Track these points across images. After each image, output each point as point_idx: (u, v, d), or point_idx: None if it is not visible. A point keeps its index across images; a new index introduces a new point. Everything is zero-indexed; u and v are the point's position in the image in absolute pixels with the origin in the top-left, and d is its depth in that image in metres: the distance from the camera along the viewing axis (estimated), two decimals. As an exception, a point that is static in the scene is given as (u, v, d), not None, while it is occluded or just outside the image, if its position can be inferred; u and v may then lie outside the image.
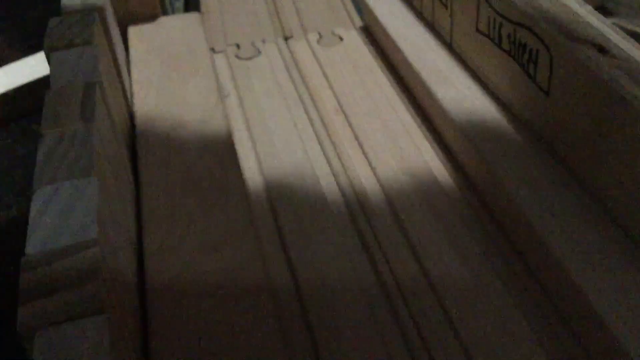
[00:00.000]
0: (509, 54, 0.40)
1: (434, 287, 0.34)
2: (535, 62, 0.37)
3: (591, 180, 0.35)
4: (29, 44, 0.66)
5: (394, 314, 0.33)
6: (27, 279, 0.23)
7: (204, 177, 0.38)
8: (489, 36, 0.42)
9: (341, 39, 0.55)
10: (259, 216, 0.39)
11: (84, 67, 0.35)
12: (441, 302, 0.34)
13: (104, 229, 0.26)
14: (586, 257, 0.32)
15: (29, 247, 0.25)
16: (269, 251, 0.37)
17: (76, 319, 0.22)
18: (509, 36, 0.39)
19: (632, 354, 0.28)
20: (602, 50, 0.33)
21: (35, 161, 0.29)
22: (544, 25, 0.35)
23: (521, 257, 0.36)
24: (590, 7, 0.36)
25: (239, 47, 0.55)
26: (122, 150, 0.38)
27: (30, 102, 0.58)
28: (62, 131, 0.31)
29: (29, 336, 0.22)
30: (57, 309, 0.23)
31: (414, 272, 0.35)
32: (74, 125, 0.31)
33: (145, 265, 0.34)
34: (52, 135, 0.30)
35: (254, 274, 0.33)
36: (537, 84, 0.37)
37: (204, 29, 0.54)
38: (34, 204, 0.27)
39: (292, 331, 0.33)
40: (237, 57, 0.54)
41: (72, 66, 0.35)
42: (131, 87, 0.47)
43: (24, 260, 0.24)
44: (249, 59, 0.53)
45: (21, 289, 0.23)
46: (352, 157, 0.43)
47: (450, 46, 0.48)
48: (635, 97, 0.30)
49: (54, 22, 0.40)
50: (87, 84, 0.34)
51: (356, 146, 0.44)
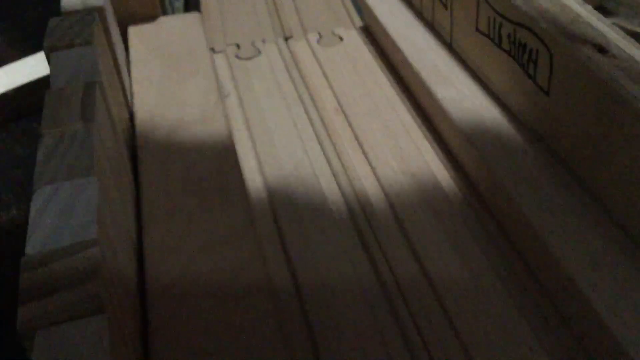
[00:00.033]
0: (509, 54, 0.40)
1: (434, 287, 0.34)
2: (535, 62, 0.37)
3: (591, 180, 0.35)
4: (29, 44, 0.66)
5: (394, 314, 0.33)
6: (27, 279, 0.23)
7: (204, 177, 0.38)
8: (489, 36, 0.42)
9: (341, 39, 0.55)
10: (259, 216, 0.39)
11: (84, 67, 0.35)
12: (441, 302, 0.34)
13: (104, 229, 0.26)
14: (586, 257, 0.32)
15: (29, 247, 0.25)
16: (269, 251, 0.37)
17: (76, 319, 0.22)
18: (509, 36, 0.39)
19: (632, 354, 0.28)
20: (602, 50, 0.33)
21: (35, 161, 0.29)
22: (544, 25, 0.35)
23: (521, 257, 0.36)
24: (590, 7, 0.36)
25: (239, 47, 0.55)
26: (122, 150, 0.38)
27: (30, 102, 0.58)
28: (62, 131, 0.31)
29: (29, 336, 0.22)
30: (57, 309, 0.23)
31: (414, 272, 0.35)
32: (74, 125, 0.31)
33: (145, 265, 0.34)
34: (52, 135, 0.30)
35: (254, 274, 0.33)
36: (537, 84, 0.37)
37: (204, 29, 0.54)
38: (34, 204, 0.27)
39: (292, 331, 0.33)
40: (237, 57, 0.54)
41: (72, 66, 0.35)
42: (131, 87, 0.47)
43: (24, 260, 0.24)
44: (249, 59, 0.53)
45: (21, 289, 0.23)
46: (352, 157, 0.43)
47: (450, 46, 0.48)
48: (635, 97, 0.30)
49: (54, 22, 0.40)
50: (87, 84, 0.34)
51: (356, 146, 0.44)
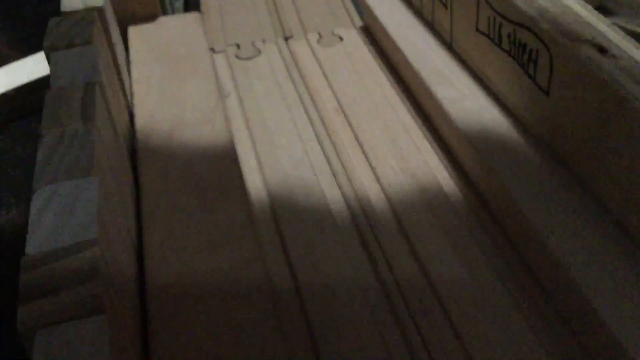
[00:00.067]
0: (509, 54, 0.40)
1: (434, 287, 0.34)
2: (535, 62, 0.37)
3: (591, 180, 0.35)
4: (29, 44, 0.66)
5: (394, 314, 0.33)
6: (27, 279, 0.23)
7: (204, 177, 0.38)
8: (489, 36, 0.42)
9: (341, 39, 0.55)
10: (259, 216, 0.39)
11: (84, 67, 0.35)
12: (441, 302, 0.34)
13: (104, 229, 0.26)
14: (586, 257, 0.32)
15: (29, 247, 0.25)
16: (269, 251, 0.37)
17: (76, 319, 0.22)
18: (509, 36, 0.39)
19: (632, 354, 0.28)
20: (602, 50, 0.33)
21: (35, 161, 0.29)
22: (544, 25, 0.35)
23: (521, 257, 0.36)
24: (590, 7, 0.36)
25: (239, 47, 0.55)
26: (122, 150, 0.38)
27: (30, 102, 0.58)
28: (62, 131, 0.31)
29: (29, 336, 0.22)
30: (57, 309, 0.23)
31: (414, 272, 0.35)
32: (74, 125, 0.31)
33: (145, 265, 0.34)
34: (52, 135, 0.30)
35: (254, 274, 0.33)
36: (537, 84, 0.37)
37: (204, 29, 0.54)
38: (34, 204, 0.27)
39: (292, 331, 0.33)
40: (237, 57, 0.54)
41: (72, 66, 0.35)
42: (131, 87, 0.47)
43: (24, 260, 0.24)
44: (249, 59, 0.53)
45: (21, 289, 0.23)
46: (352, 157, 0.43)
47: (450, 46, 0.48)
48: (635, 97, 0.30)
49: (54, 22, 0.40)
50: (87, 83, 0.34)
51: (356, 146, 0.44)
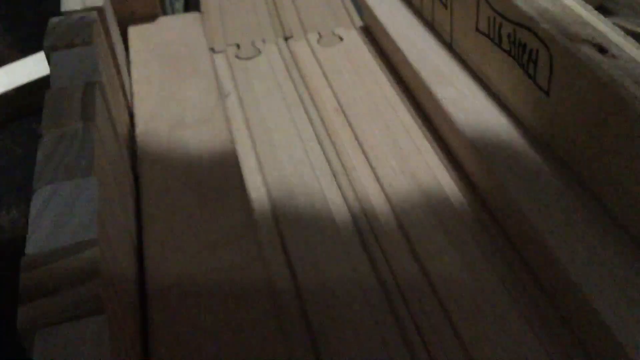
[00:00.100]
0: (509, 54, 0.40)
1: (434, 287, 0.34)
2: (535, 62, 0.37)
3: (591, 179, 0.35)
4: (29, 44, 0.66)
5: (394, 314, 0.33)
6: (27, 279, 0.23)
7: (204, 177, 0.38)
8: (489, 36, 0.42)
9: (341, 39, 0.55)
10: (259, 216, 0.39)
11: (84, 67, 0.35)
12: (441, 302, 0.34)
13: (104, 229, 0.26)
14: (586, 257, 0.32)
15: (29, 247, 0.25)
16: (269, 251, 0.37)
17: (76, 319, 0.22)
18: (509, 36, 0.39)
19: (633, 354, 0.28)
20: (602, 50, 0.33)
21: (35, 161, 0.29)
22: (544, 25, 0.35)
23: (521, 256, 0.36)
24: (590, 7, 0.36)
25: (239, 47, 0.55)
26: (122, 150, 0.38)
27: (30, 102, 0.58)
28: (62, 131, 0.31)
29: (29, 336, 0.22)
30: (57, 309, 0.23)
31: (414, 272, 0.35)
32: (74, 125, 0.31)
33: (145, 265, 0.34)
34: (52, 135, 0.30)
35: (254, 274, 0.33)
36: (537, 84, 0.37)
37: (204, 29, 0.54)
38: (34, 204, 0.27)
39: (292, 331, 0.33)
40: (237, 57, 0.54)
41: (72, 66, 0.35)
42: (131, 87, 0.47)
43: (24, 260, 0.24)
44: (249, 59, 0.53)
45: (21, 289, 0.23)
46: (352, 157, 0.43)
47: (450, 46, 0.48)
48: (635, 97, 0.30)
49: (54, 22, 0.40)
50: (87, 83, 0.34)
51: (356, 146, 0.44)
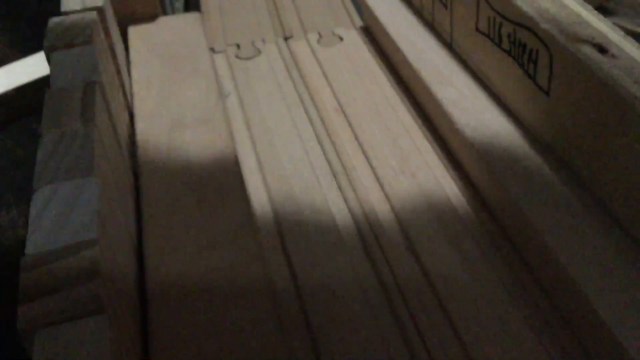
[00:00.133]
0: (509, 54, 0.40)
1: (433, 287, 0.34)
2: (535, 62, 0.37)
3: (591, 179, 0.35)
4: (29, 44, 0.66)
5: (394, 314, 0.33)
6: (27, 279, 0.24)
7: (204, 177, 0.38)
8: (489, 36, 0.42)
9: (341, 39, 0.55)
10: (259, 216, 0.39)
11: (84, 67, 0.35)
12: (441, 302, 0.34)
13: (104, 229, 0.26)
14: (586, 257, 0.32)
15: (29, 247, 0.25)
16: (269, 251, 0.37)
17: (76, 319, 0.22)
18: (509, 36, 0.39)
19: (632, 354, 0.28)
20: (602, 50, 0.33)
21: (35, 161, 0.29)
22: (544, 25, 0.35)
23: (521, 256, 0.36)
24: (590, 7, 0.36)
25: (239, 47, 0.55)
26: (122, 150, 0.38)
27: (30, 102, 0.58)
28: (62, 131, 0.31)
29: (29, 336, 0.22)
30: (57, 309, 0.23)
31: (414, 272, 0.35)
32: (74, 125, 0.31)
33: (145, 265, 0.34)
34: (52, 135, 0.30)
35: (254, 274, 0.33)
36: (537, 84, 0.37)
37: (204, 29, 0.54)
38: (34, 204, 0.27)
39: (292, 331, 0.33)
40: (237, 57, 0.54)
41: (72, 66, 0.35)
42: (131, 87, 0.47)
43: (24, 260, 0.24)
44: (249, 59, 0.53)
45: (21, 289, 0.23)
46: (352, 157, 0.43)
47: (450, 46, 0.48)
48: (635, 97, 0.30)
49: (54, 22, 0.40)
50: (87, 83, 0.34)
51: (356, 146, 0.44)
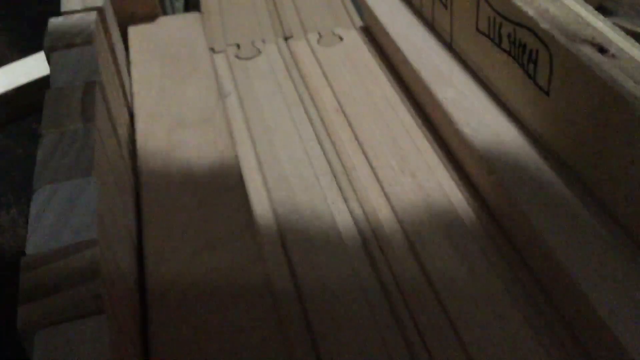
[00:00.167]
0: (509, 54, 0.40)
1: (434, 287, 0.34)
2: (535, 62, 0.37)
3: (591, 179, 0.35)
4: (29, 44, 0.66)
5: (394, 314, 0.33)
6: (27, 279, 0.24)
7: (204, 177, 0.38)
8: (489, 36, 0.42)
9: (341, 39, 0.55)
10: (259, 216, 0.39)
11: (84, 67, 0.35)
12: (441, 302, 0.34)
13: (104, 229, 0.26)
14: (586, 257, 0.32)
15: (29, 247, 0.25)
16: (269, 251, 0.37)
17: (76, 319, 0.22)
18: (509, 36, 0.39)
19: (632, 354, 0.28)
20: (602, 50, 0.33)
21: (35, 161, 0.29)
22: (544, 25, 0.35)
23: (521, 256, 0.36)
24: (590, 7, 0.36)
25: (239, 47, 0.55)
26: (122, 150, 0.38)
27: (30, 102, 0.58)
28: (62, 131, 0.31)
29: (29, 336, 0.22)
30: (57, 309, 0.23)
31: (414, 271, 0.35)
32: (74, 125, 0.31)
33: (145, 265, 0.34)
34: (52, 135, 0.30)
35: (254, 274, 0.33)
36: (537, 84, 0.37)
37: (204, 29, 0.54)
38: (34, 204, 0.27)
39: (292, 331, 0.33)
40: (237, 57, 0.54)
41: (72, 66, 0.35)
42: (131, 87, 0.47)
43: (24, 260, 0.24)
44: (249, 59, 0.53)
45: (21, 289, 0.23)
46: (352, 157, 0.43)
47: (450, 46, 0.48)
48: (635, 97, 0.30)
49: (54, 22, 0.40)
50: (87, 83, 0.34)
51: (356, 146, 0.44)
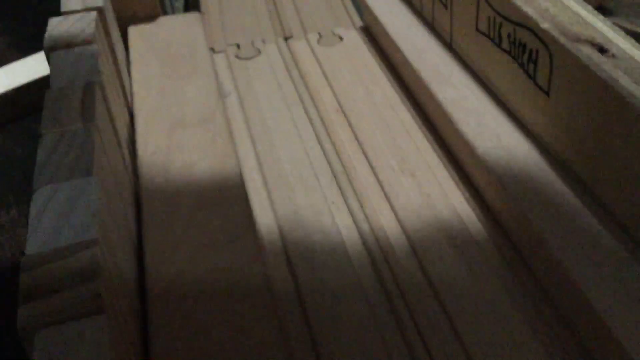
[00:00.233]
0: (509, 54, 0.40)
1: (434, 287, 0.34)
2: (535, 62, 0.37)
3: (591, 179, 0.35)
4: (29, 44, 0.66)
5: (394, 314, 0.33)
6: (27, 279, 0.23)
7: (204, 177, 0.38)
8: (489, 36, 0.42)
9: (341, 39, 0.55)
10: (259, 216, 0.39)
11: (84, 67, 0.35)
12: (441, 302, 0.34)
13: (104, 229, 0.26)
14: (586, 257, 0.32)
15: (29, 247, 0.25)
16: (269, 251, 0.37)
17: (76, 319, 0.22)
18: (509, 36, 0.39)
19: (632, 354, 0.28)
20: (602, 50, 0.33)
21: (35, 161, 0.29)
22: (544, 25, 0.35)
23: (521, 257, 0.36)
24: (590, 7, 0.36)
25: (239, 47, 0.55)
26: (122, 150, 0.38)
27: (30, 102, 0.58)
28: (62, 131, 0.31)
29: (29, 336, 0.22)
30: (57, 309, 0.23)
31: (414, 272, 0.35)
32: (74, 125, 0.31)
33: (145, 265, 0.34)
34: (52, 135, 0.30)
35: (254, 274, 0.33)
36: (537, 84, 0.37)
37: (204, 29, 0.54)
38: (34, 204, 0.27)
39: (292, 331, 0.33)
40: (237, 57, 0.54)
41: (72, 66, 0.35)
42: (131, 87, 0.47)
43: (24, 260, 0.24)
44: (249, 59, 0.53)
45: (21, 289, 0.23)
46: (352, 157, 0.43)
47: (450, 46, 0.48)
48: (635, 97, 0.30)
49: (54, 22, 0.40)
50: (87, 83, 0.34)
51: (356, 146, 0.44)
